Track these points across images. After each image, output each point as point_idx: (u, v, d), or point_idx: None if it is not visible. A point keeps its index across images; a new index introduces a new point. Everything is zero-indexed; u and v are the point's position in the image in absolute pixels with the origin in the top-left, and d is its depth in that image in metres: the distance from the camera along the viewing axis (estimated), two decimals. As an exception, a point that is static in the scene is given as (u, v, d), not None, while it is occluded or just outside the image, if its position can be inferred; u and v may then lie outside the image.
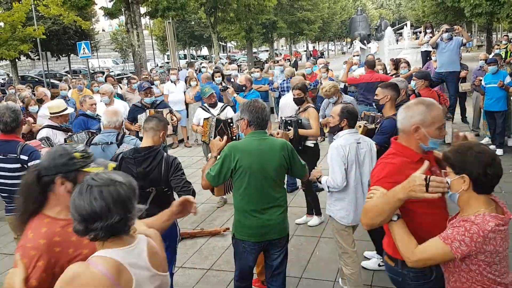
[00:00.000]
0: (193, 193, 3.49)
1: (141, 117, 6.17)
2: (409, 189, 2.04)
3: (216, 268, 4.76)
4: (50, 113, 5.42)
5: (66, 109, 5.45)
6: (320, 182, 3.82)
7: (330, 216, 3.89)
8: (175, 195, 3.56)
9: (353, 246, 3.86)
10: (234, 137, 5.90)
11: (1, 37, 18.90)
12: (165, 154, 3.57)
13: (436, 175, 2.22)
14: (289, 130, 5.20)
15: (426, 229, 2.23)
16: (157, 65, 36.07)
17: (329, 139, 6.14)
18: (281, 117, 5.54)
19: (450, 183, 2.10)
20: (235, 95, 7.59)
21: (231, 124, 5.99)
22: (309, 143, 5.43)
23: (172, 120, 6.36)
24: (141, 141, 4.09)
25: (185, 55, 47.69)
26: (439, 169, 2.44)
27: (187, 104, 10.35)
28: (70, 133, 5.27)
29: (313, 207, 5.69)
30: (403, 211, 2.24)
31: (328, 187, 3.71)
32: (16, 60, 23.46)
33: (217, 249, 5.19)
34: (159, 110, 6.44)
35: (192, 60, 29.98)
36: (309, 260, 4.77)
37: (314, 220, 5.66)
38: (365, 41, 19.77)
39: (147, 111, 6.25)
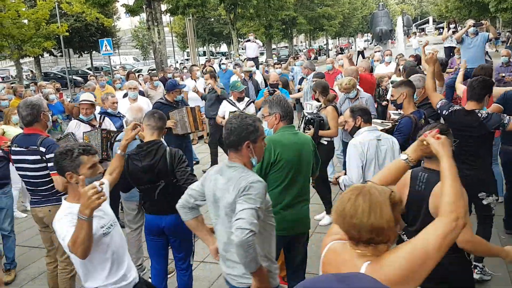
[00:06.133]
0: None
1: (173, 115, 6.28)
2: None
3: (236, 263, 4.76)
4: (80, 100, 5.73)
5: (91, 101, 5.62)
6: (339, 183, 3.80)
7: None
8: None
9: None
10: None
11: (26, 34, 19.26)
12: (167, 147, 3.64)
13: None
14: (309, 129, 5.16)
15: None
16: (177, 61, 36.36)
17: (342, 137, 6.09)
18: (303, 113, 5.50)
19: None
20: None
21: None
22: (323, 141, 5.39)
23: (201, 116, 6.54)
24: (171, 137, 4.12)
25: (204, 52, 47.85)
26: None
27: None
28: (91, 129, 5.39)
29: (324, 205, 5.63)
30: None
31: (344, 185, 3.67)
32: (40, 57, 23.92)
33: (238, 245, 5.19)
34: (192, 106, 6.65)
35: (210, 57, 30.06)
36: (330, 257, 4.73)
37: (326, 219, 5.59)
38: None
39: (183, 108, 6.34)
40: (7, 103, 8.58)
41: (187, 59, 39.64)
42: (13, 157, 4.05)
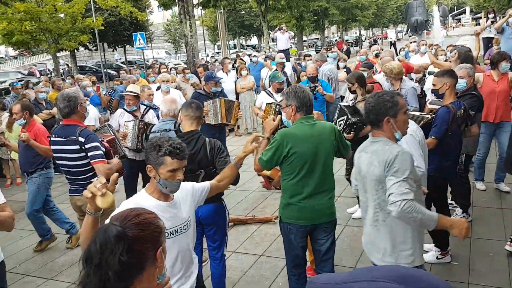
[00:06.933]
0: (237, 177, 3.50)
1: (208, 104, 6.37)
2: None
3: (268, 254, 4.80)
4: (126, 91, 5.98)
5: (135, 93, 5.84)
6: None
7: None
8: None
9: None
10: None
11: (62, 28, 19.76)
12: (206, 137, 3.67)
13: None
14: (351, 132, 4.82)
15: None
16: (208, 55, 36.61)
17: None
18: (339, 105, 5.10)
19: None
20: (325, 92, 6.91)
21: None
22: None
23: (238, 112, 6.56)
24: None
25: (234, 45, 47.95)
26: None
27: (237, 94, 10.41)
28: (132, 119, 5.53)
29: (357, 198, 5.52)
30: None
31: None
32: (75, 50, 24.50)
33: (269, 236, 5.23)
34: (229, 99, 6.73)
35: (242, 50, 30.10)
36: (363, 250, 4.68)
37: (359, 212, 5.49)
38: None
39: (217, 99, 6.42)
40: (45, 96, 8.87)
41: (217, 52, 39.88)
42: (52, 147, 4.17)
